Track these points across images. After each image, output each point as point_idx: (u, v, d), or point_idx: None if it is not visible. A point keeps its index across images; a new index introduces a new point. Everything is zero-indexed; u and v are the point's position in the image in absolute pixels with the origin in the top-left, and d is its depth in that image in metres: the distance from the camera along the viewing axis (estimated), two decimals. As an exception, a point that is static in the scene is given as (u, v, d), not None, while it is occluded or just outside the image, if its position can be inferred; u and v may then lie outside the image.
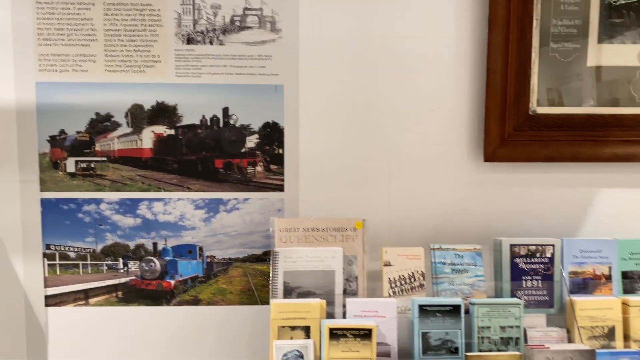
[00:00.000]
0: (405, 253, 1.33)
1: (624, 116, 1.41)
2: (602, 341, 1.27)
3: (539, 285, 1.31)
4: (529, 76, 1.39)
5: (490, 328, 1.25)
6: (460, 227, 1.43)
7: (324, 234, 1.32)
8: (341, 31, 1.40)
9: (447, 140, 1.43)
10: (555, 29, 1.39)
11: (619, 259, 1.33)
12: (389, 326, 1.24)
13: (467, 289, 1.31)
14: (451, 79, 1.42)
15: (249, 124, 1.40)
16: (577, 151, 1.40)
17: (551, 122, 1.40)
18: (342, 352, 1.18)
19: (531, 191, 1.44)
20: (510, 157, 1.40)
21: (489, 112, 1.39)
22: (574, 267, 1.32)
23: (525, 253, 1.31)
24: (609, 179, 1.44)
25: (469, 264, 1.33)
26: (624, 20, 1.39)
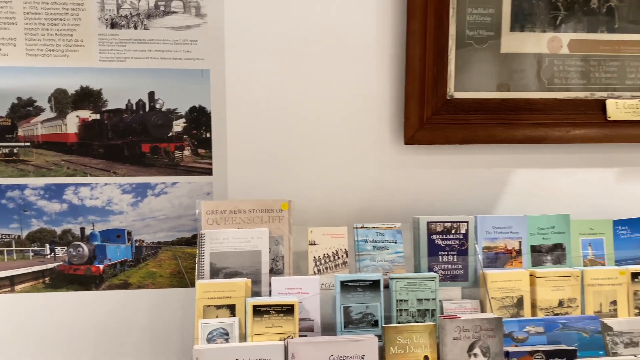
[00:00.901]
0: (330, 232, 1.38)
1: (535, 100, 1.50)
2: (512, 310, 1.36)
3: (455, 260, 1.39)
4: (447, 62, 1.46)
5: (408, 301, 1.32)
6: (382, 206, 1.49)
7: (250, 215, 1.36)
8: (266, 17, 1.43)
9: (369, 124, 1.49)
10: (471, 17, 1.46)
11: (528, 234, 1.42)
12: (313, 302, 1.29)
13: (388, 265, 1.38)
14: (373, 66, 1.47)
15: (175, 108, 1.41)
16: (492, 133, 1.48)
17: (467, 106, 1.48)
18: (266, 328, 1.22)
19: (449, 172, 1.51)
20: (429, 140, 1.47)
21: (408, 97, 1.45)
22: (487, 242, 1.41)
23: (442, 230, 1.39)
24: (521, 160, 1.54)
25: (389, 242, 1.39)
26: (533, 10, 1.48)
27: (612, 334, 1.34)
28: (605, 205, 1.54)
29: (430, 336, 1.25)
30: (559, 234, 1.43)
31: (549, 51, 1.50)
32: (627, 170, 1.57)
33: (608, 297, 1.38)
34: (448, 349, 1.23)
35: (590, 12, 1.50)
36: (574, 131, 1.51)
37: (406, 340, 1.24)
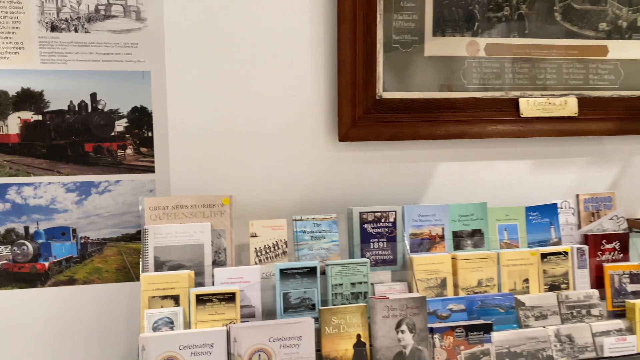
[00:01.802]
0: (270, 225, 1.47)
1: (456, 99, 1.64)
2: (436, 290, 1.50)
3: (385, 246, 1.51)
4: (375, 65, 1.57)
5: (342, 285, 1.43)
6: (319, 199, 1.59)
7: (192, 210, 1.43)
8: (205, 21, 1.50)
9: (306, 122, 1.58)
10: (397, 23, 1.58)
11: (450, 221, 1.56)
12: (254, 290, 1.38)
13: (324, 253, 1.49)
14: (308, 68, 1.57)
15: (117, 108, 1.46)
16: (417, 130, 1.61)
17: (395, 106, 1.60)
18: (209, 315, 1.30)
19: (379, 166, 1.64)
20: (361, 137, 1.58)
21: (341, 97, 1.55)
22: (413, 230, 1.54)
23: (373, 219, 1.51)
24: (444, 154, 1.68)
25: (326, 231, 1.50)
26: (453, 16, 1.62)
27: (524, 308, 1.50)
28: (520, 193, 1.71)
29: (362, 316, 1.36)
30: (477, 220, 1.57)
31: (468, 54, 1.64)
32: (539, 161, 1.74)
33: (521, 276, 1.54)
34: (378, 326, 1.35)
35: (503, 18, 1.65)
36: (491, 127, 1.66)
37: (340, 321, 1.35)
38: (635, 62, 1.75)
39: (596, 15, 1.71)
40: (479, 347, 1.40)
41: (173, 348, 1.24)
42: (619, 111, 1.74)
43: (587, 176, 1.77)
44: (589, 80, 1.72)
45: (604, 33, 1.72)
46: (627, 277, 1.57)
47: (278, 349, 1.29)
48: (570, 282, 1.57)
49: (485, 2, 1.63)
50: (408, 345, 1.36)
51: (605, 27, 1.72)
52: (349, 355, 1.34)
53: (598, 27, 1.71)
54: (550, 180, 1.75)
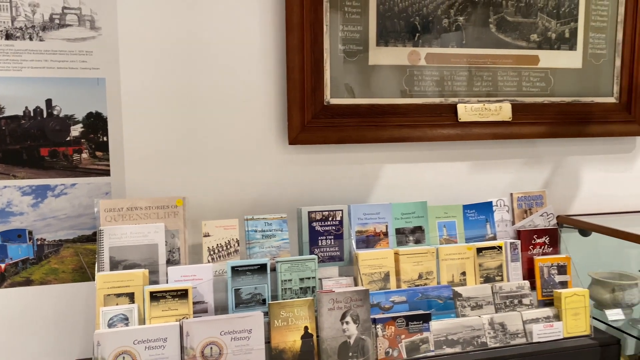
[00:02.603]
0: (222, 225, 1.55)
1: (398, 105, 1.75)
2: (380, 284, 1.60)
3: (332, 243, 1.61)
4: (323, 72, 1.67)
5: (291, 280, 1.52)
6: (271, 199, 1.68)
7: (147, 212, 1.49)
8: (158, 29, 1.56)
9: (258, 126, 1.66)
10: (343, 33, 1.68)
11: (393, 219, 1.67)
12: (206, 287, 1.45)
13: (275, 251, 1.57)
14: (260, 75, 1.65)
15: (73, 114, 1.51)
16: (363, 134, 1.71)
17: (342, 111, 1.70)
18: (163, 311, 1.37)
19: (328, 168, 1.73)
20: (310, 140, 1.67)
21: (290, 103, 1.64)
22: (359, 227, 1.64)
23: (321, 218, 1.60)
24: (388, 156, 1.78)
25: (276, 230, 1.58)
26: (395, 27, 1.73)
27: (461, 299, 1.61)
28: (459, 193, 1.83)
29: (309, 309, 1.45)
30: (418, 218, 1.68)
31: (409, 63, 1.75)
32: (477, 163, 1.86)
33: (459, 269, 1.66)
34: (324, 318, 1.44)
35: (442, 29, 1.77)
36: (432, 131, 1.77)
37: (289, 314, 1.43)
38: (563, 71, 1.89)
39: (528, 27, 1.85)
40: (418, 335, 1.51)
41: (127, 343, 1.30)
42: (550, 116, 1.88)
43: (521, 176, 1.91)
44: (522, 87, 1.86)
45: (535, 44, 1.86)
46: (555, 269, 1.70)
47: (229, 342, 1.37)
48: (504, 274, 1.69)
49: (425, 14, 1.75)
50: (352, 336, 1.45)
51: (536, 38, 1.86)
52: (297, 346, 1.43)
53: (530, 38, 1.85)
54: (487, 180, 1.88)
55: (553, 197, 1.94)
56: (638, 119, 1.97)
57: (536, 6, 1.84)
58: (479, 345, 1.55)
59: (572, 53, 1.90)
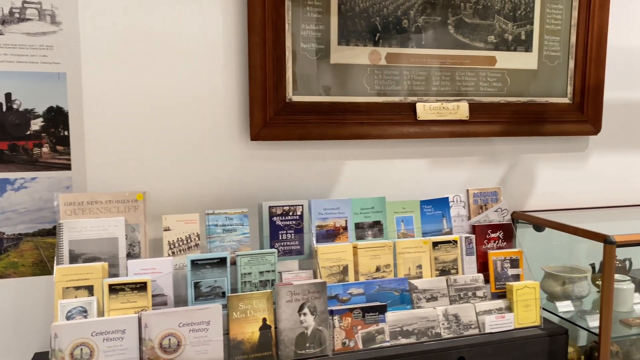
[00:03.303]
0: (183, 219, 1.57)
1: (359, 103, 1.80)
2: (338, 276, 1.64)
3: (292, 237, 1.64)
4: (285, 70, 1.70)
5: (251, 274, 1.55)
6: (234, 194, 1.70)
7: (107, 206, 1.50)
8: (121, 25, 1.57)
9: (220, 122, 1.69)
10: (304, 32, 1.72)
11: (352, 213, 1.71)
12: (166, 280, 1.47)
13: (236, 245, 1.60)
14: (222, 72, 1.67)
15: (33, 108, 1.51)
16: (324, 131, 1.75)
17: (303, 108, 1.74)
18: (122, 304, 1.38)
19: (290, 164, 1.76)
20: (271, 137, 1.70)
21: (252, 100, 1.67)
22: (319, 222, 1.68)
23: (281, 212, 1.63)
24: (349, 153, 1.83)
25: (237, 225, 1.61)
26: (356, 28, 1.77)
27: (417, 291, 1.67)
28: (418, 189, 1.88)
29: (267, 301, 1.48)
30: (377, 213, 1.73)
31: (370, 62, 1.80)
32: (435, 160, 1.92)
33: (415, 262, 1.71)
34: (282, 310, 1.47)
35: (402, 30, 1.82)
36: (391, 129, 1.82)
37: (247, 306, 1.46)
38: (519, 72, 1.96)
39: (485, 29, 1.91)
40: (374, 326, 1.55)
41: (85, 335, 1.32)
42: (506, 115, 1.95)
43: (478, 173, 1.97)
44: (479, 87, 1.92)
45: (492, 45, 1.92)
46: (508, 262, 1.77)
47: (187, 333, 1.39)
48: (459, 268, 1.75)
49: (385, 15, 1.79)
50: (310, 327, 1.49)
51: (493, 39, 1.92)
52: (255, 337, 1.46)
53: (487, 40, 1.92)
54: (445, 177, 1.93)
55: (509, 193, 2.01)
56: (590, 119, 2.06)
57: (493, 9, 1.91)
58: (433, 335, 1.61)
59: (527, 55, 1.97)
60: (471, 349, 1.59)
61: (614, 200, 2.16)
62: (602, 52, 2.03)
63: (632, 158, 2.17)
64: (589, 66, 2.02)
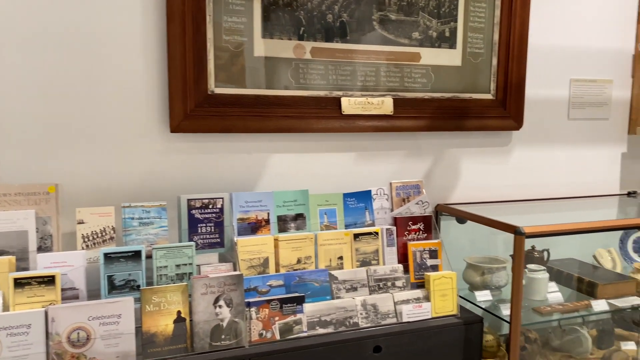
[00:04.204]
0: (97, 212, 1.55)
1: (284, 97, 1.81)
2: (259, 269, 1.65)
3: (212, 230, 1.64)
4: (206, 62, 1.69)
5: (167, 267, 1.54)
6: (153, 187, 1.69)
7: (17, 198, 1.47)
8: (36, 14, 1.53)
9: (140, 114, 1.67)
10: (227, 24, 1.71)
11: (275, 206, 1.72)
12: (77, 273, 1.45)
13: (153, 238, 1.59)
14: (141, 63, 1.65)
15: (-64, 97, 1.46)
16: (247, 124, 1.75)
17: (226, 101, 1.73)
18: (28, 298, 1.36)
19: (212, 157, 1.76)
20: (193, 129, 1.70)
21: (172, 91, 1.66)
22: (241, 215, 1.68)
23: (200, 205, 1.63)
24: (275, 147, 1.84)
25: (154, 218, 1.60)
26: (280, 21, 1.78)
27: (337, 282, 1.69)
28: (344, 182, 1.91)
29: (182, 294, 1.48)
30: (300, 205, 1.75)
31: (295, 56, 1.81)
32: (361, 154, 1.95)
33: (336, 253, 1.74)
34: (197, 302, 1.47)
35: (327, 25, 1.84)
36: (317, 123, 1.84)
37: (161, 299, 1.46)
38: (443, 68, 2.01)
39: (410, 25, 1.95)
40: (292, 317, 1.57)
41: (-13, 330, 1.29)
42: (430, 110, 2.00)
43: (403, 167, 2.02)
44: (404, 83, 1.96)
45: (416, 41, 1.96)
46: (427, 253, 1.82)
47: (97, 327, 1.37)
48: (380, 259, 1.79)
49: (310, 9, 1.81)
50: (225, 319, 1.50)
51: (418, 36, 1.97)
52: (169, 329, 1.46)
53: (412, 36, 1.96)
54: (371, 171, 1.97)
55: (434, 187, 2.07)
56: (513, 115, 2.13)
57: (418, 5, 1.95)
58: (350, 325, 1.64)
59: (452, 51, 2.02)
60: (388, 338, 1.64)
61: (535, 193, 2.25)
62: (523, 50, 2.10)
63: (551, 153, 2.26)
64: (511, 63, 2.09)
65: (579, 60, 2.26)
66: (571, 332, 2.18)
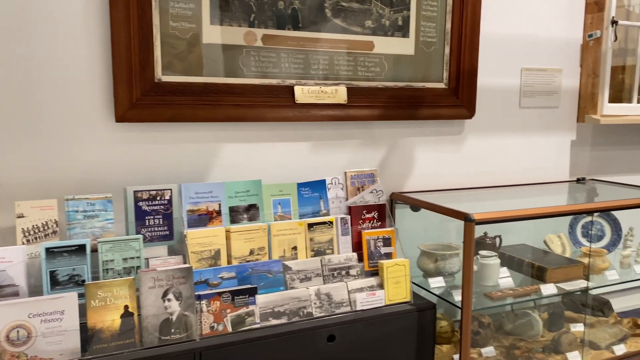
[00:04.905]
0: (39, 205, 1.48)
1: (235, 85, 1.77)
2: (210, 261, 1.62)
3: (161, 222, 1.60)
4: (152, 49, 1.64)
5: (114, 261, 1.50)
6: (98, 179, 1.63)
7: (-51, 192, 1.39)
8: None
9: (83, 103, 1.60)
10: (174, 10, 1.66)
11: (226, 197, 1.70)
12: (17, 269, 1.39)
13: (98, 231, 1.53)
14: (84, 50, 1.58)
15: None
16: (196, 113, 1.71)
17: (174, 89, 1.68)
18: (-38, 297, 1.30)
19: (160, 147, 1.71)
20: (139, 118, 1.64)
21: (116, 79, 1.60)
22: (190, 206, 1.65)
23: (148, 197, 1.59)
24: (227, 136, 1.80)
25: (100, 210, 1.55)
26: (230, 7, 1.74)
27: (291, 272, 1.68)
28: (299, 172, 1.90)
29: (130, 288, 1.44)
30: (253, 196, 1.73)
31: (245, 43, 1.77)
32: (316, 143, 1.94)
33: (290, 244, 1.72)
34: (144, 296, 1.44)
35: (278, 12, 1.80)
36: (270, 112, 1.81)
37: (107, 294, 1.41)
38: (397, 57, 2.01)
39: (362, 13, 1.94)
40: (244, 309, 1.55)
41: None
42: (384, 99, 2.00)
43: (358, 156, 2.01)
44: (357, 72, 1.95)
45: (369, 30, 1.96)
46: (381, 241, 1.83)
47: (39, 324, 1.32)
48: (335, 248, 1.79)
49: (260, -4, 1.78)
50: (175, 312, 1.46)
51: (370, 24, 1.96)
52: (116, 325, 1.41)
53: (364, 24, 1.95)
54: (326, 160, 1.96)
55: (389, 175, 2.08)
56: (465, 104, 2.16)
57: (370, -6, 1.94)
58: (304, 315, 1.63)
59: (405, 40, 2.03)
60: (342, 327, 1.64)
61: (487, 181, 2.29)
62: (475, 39, 2.12)
63: (503, 141, 2.30)
64: (463, 52, 2.11)
65: (530, 49, 2.30)
66: (523, 316, 2.24)
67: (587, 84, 2.43)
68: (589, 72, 2.42)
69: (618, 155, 2.61)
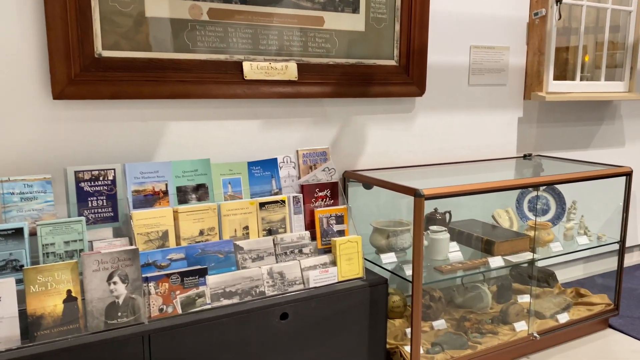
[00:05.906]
0: (-30, 187, 1.40)
1: (180, 61, 1.71)
2: (157, 243, 1.58)
3: (104, 203, 1.54)
4: (91, 22, 1.56)
5: (54, 244, 1.43)
6: (36, 160, 1.55)
7: None
8: None
9: (17, 80, 1.51)
10: (112, -19, 1.58)
11: (173, 177, 1.65)
12: (-53, 256, 1.31)
13: (37, 214, 1.46)
14: (16, 25, 1.49)
15: None
16: (140, 90, 1.64)
17: (116, 65, 1.61)
18: None
19: (102, 125, 1.64)
20: (78, 95, 1.57)
21: (52, 54, 1.51)
22: (136, 187, 1.59)
23: (90, 178, 1.52)
24: (174, 114, 1.74)
25: (38, 192, 1.47)
26: (174, -21, 1.67)
27: (242, 252, 1.66)
28: (250, 150, 1.86)
29: (72, 272, 1.38)
30: (201, 175, 1.69)
31: (190, 17, 1.71)
32: (267, 121, 1.91)
33: (241, 223, 1.70)
34: (88, 280, 1.38)
35: (225, -15, 1.75)
36: (217, 88, 1.76)
37: (47, 279, 1.35)
38: (347, 33, 1.99)
39: (312, -12, 1.91)
40: (194, 290, 1.52)
41: None
42: (335, 76, 1.98)
43: (310, 134, 2.00)
44: (307, 48, 1.92)
45: (319, 5, 1.92)
46: (333, 219, 1.83)
47: (-27, 313, 1.26)
48: (287, 226, 1.78)
49: (205, -32, 1.71)
50: (121, 295, 1.42)
51: (320, 0, 1.93)
52: (59, 310, 1.36)
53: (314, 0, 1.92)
54: (278, 139, 1.93)
55: (341, 154, 2.07)
56: (416, 81, 2.17)
57: (320, -32, 1.91)
58: (257, 294, 1.62)
59: (355, 16, 2.01)
60: (295, 305, 1.63)
61: (437, 158, 2.32)
62: (425, 17, 2.13)
63: (453, 118, 2.33)
64: (413, 30, 2.11)
65: (479, 27, 2.32)
66: (473, 289, 2.30)
67: (533, 61, 2.49)
68: (535, 50, 2.48)
69: (563, 131, 2.69)
